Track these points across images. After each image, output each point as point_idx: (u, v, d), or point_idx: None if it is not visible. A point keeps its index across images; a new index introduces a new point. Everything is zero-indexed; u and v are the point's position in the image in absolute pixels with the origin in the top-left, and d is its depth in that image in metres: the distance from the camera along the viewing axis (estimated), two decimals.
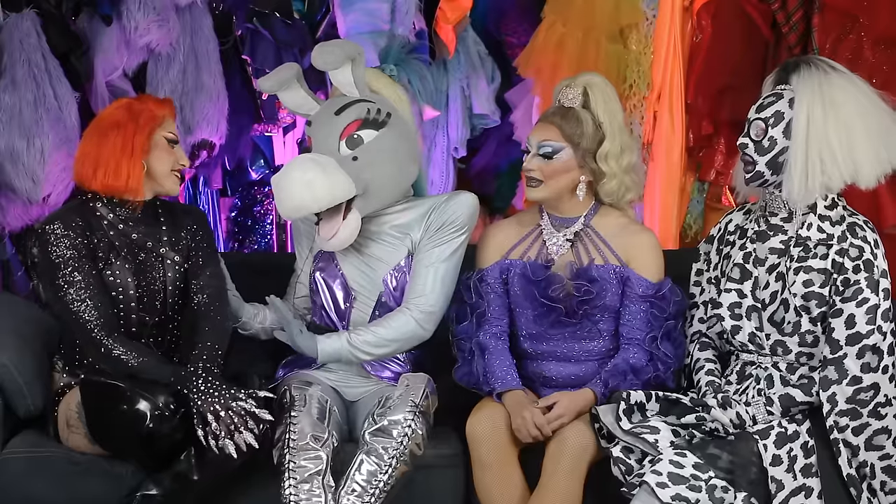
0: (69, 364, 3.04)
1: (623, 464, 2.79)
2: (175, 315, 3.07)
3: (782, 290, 2.90)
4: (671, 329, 3.01)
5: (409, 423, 2.86)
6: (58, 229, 2.91)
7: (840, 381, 2.81)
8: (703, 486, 2.67)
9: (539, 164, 3.00)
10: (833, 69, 2.90)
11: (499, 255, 3.12)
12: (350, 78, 3.05)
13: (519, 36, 4.37)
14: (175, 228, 3.08)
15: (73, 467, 2.92)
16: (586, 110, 3.01)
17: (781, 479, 2.76)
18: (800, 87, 2.87)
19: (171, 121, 3.04)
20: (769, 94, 2.93)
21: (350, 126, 3.04)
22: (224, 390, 2.79)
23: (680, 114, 4.09)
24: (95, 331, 2.86)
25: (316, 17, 4.39)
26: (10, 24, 3.62)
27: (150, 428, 2.72)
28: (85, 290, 2.88)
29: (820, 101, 2.83)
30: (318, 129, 3.07)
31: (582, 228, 3.06)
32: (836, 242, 2.87)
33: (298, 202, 2.96)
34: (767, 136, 2.88)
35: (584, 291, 2.98)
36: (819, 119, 2.82)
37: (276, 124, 4.72)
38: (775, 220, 2.96)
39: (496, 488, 2.89)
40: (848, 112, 2.83)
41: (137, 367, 2.83)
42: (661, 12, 4.04)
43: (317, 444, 2.82)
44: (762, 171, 2.90)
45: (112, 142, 2.93)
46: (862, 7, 3.80)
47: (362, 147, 3.03)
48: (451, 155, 4.30)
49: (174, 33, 3.84)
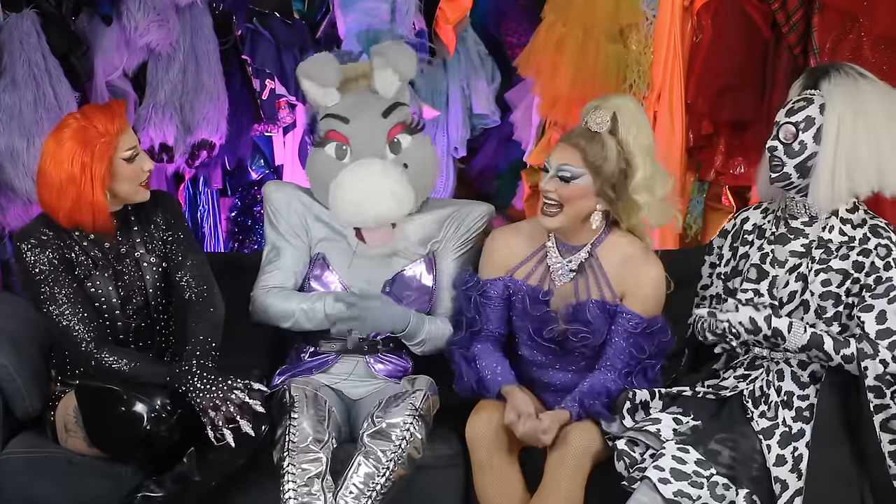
0: (61, 373, 3.04)
1: (628, 457, 2.79)
2: (160, 316, 3.06)
3: (803, 292, 2.90)
4: (648, 368, 2.97)
5: (409, 426, 2.86)
6: (32, 246, 2.87)
7: (874, 357, 2.79)
8: (704, 482, 2.68)
9: (556, 185, 2.92)
10: (863, 76, 2.91)
11: (503, 270, 3.07)
12: (397, 82, 3.04)
13: (519, 36, 4.37)
14: (146, 225, 3.03)
15: (73, 468, 2.93)
16: (612, 136, 2.92)
17: (786, 480, 2.76)
18: (831, 93, 2.87)
19: (126, 132, 2.91)
20: (799, 98, 2.92)
21: (395, 129, 3.05)
22: (221, 382, 2.78)
23: (680, 114, 4.08)
24: (83, 344, 2.85)
25: (316, 17, 4.38)
26: (10, 24, 3.62)
27: (148, 430, 2.73)
28: (67, 305, 2.86)
29: (851, 108, 2.84)
30: (363, 129, 3.04)
31: (586, 259, 3.00)
32: (857, 245, 2.88)
33: (383, 212, 2.97)
34: (798, 140, 2.88)
35: (581, 337, 2.96)
36: (849, 126, 2.83)
37: (276, 124, 4.70)
38: (796, 223, 2.96)
39: (495, 490, 2.88)
40: (877, 120, 2.85)
41: (130, 373, 2.83)
42: (661, 12, 4.04)
43: (317, 446, 2.82)
44: (790, 173, 2.90)
45: (67, 190, 2.83)
46: (862, 7, 3.79)
47: (406, 154, 3.05)
48: (451, 155, 4.30)
49: (174, 33, 3.84)
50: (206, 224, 4.84)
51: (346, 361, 3.15)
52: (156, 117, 3.85)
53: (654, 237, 3.50)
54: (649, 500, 2.66)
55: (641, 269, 2.98)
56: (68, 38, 3.73)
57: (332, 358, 3.15)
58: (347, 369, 3.15)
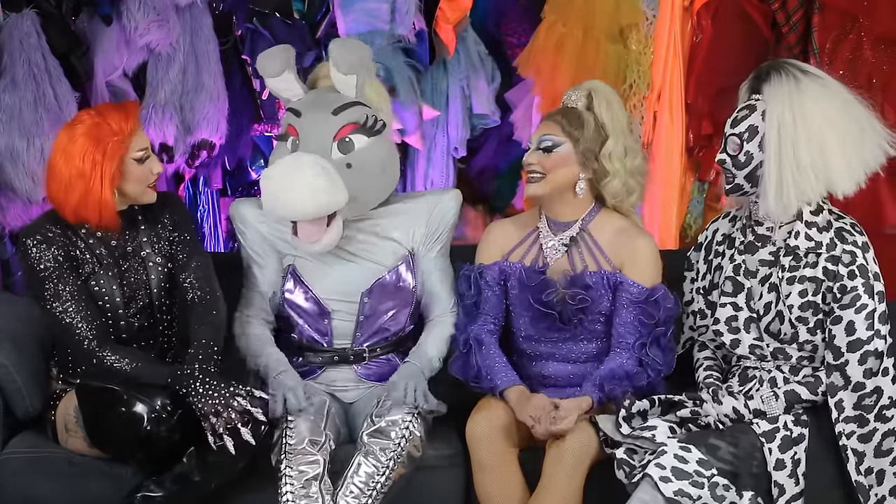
0: (63, 371, 3.04)
1: (627, 465, 2.78)
2: (164, 316, 3.05)
3: (776, 302, 2.89)
4: (660, 336, 2.99)
5: (408, 424, 2.86)
6: (37, 242, 2.88)
7: (846, 388, 2.81)
8: (705, 482, 2.68)
9: (539, 157, 3.01)
10: (804, 74, 2.86)
11: (499, 254, 3.12)
12: (351, 80, 2.99)
13: (519, 36, 4.37)
14: (153, 225, 3.04)
15: (73, 468, 2.92)
16: (589, 112, 3.03)
17: (783, 484, 2.76)
18: (770, 98, 2.84)
19: (138, 133, 2.93)
20: (742, 107, 2.90)
21: (345, 128, 3.00)
22: (223, 388, 2.78)
23: (680, 114, 4.08)
24: (86, 342, 2.85)
25: (316, 17, 4.38)
26: (10, 24, 3.62)
27: (148, 430, 2.73)
28: (71, 302, 2.86)
29: (790, 112, 2.80)
30: (311, 124, 3.01)
31: (578, 233, 3.06)
32: (825, 250, 2.86)
33: (299, 207, 2.92)
34: (743, 151, 2.87)
35: (580, 300, 2.98)
36: (789, 132, 2.79)
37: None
38: (761, 229, 2.95)
39: (496, 489, 2.88)
40: (818, 121, 2.79)
41: (132, 372, 2.83)
42: (661, 12, 4.04)
43: (314, 448, 2.82)
44: (741, 184, 2.90)
45: (77, 185, 2.85)
46: (862, 7, 3.79)
47: (356, 155, 3.00)
48: (451, 155, 4.30)
49: (174, 33, 3.84)
50: (206, 224, 4.84)
51: (334, 370, 3.15)
52: (156, 117, 3.84)
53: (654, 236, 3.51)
54: (650, 498, 2.66)
55: (636, 240, 3.03)
56: (68, 38, 3.73)
57: (319, 368, 3.15)
58: (336, 377, 3.14)
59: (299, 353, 3.15)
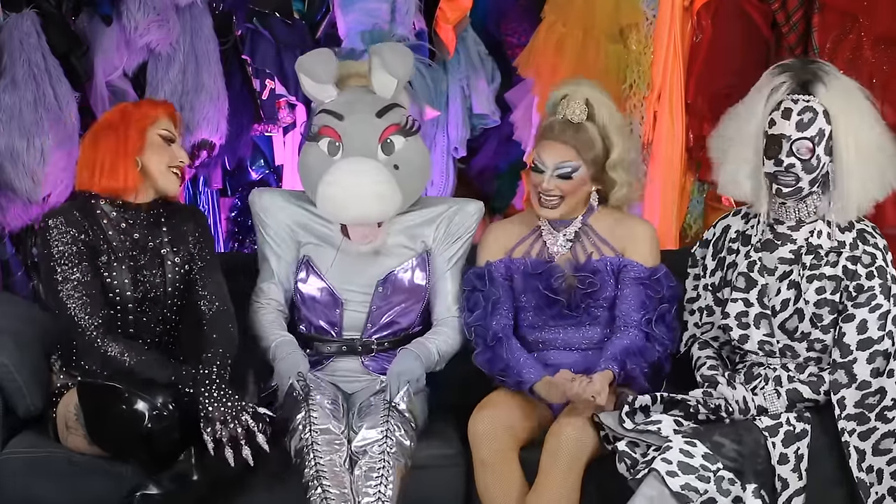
0: (66, 364, 3.03)
1: (629, 457, 2.78)
2: (174, 316, 3.06)
3: (796, 300, 2.90)
4: (665, 312, 3.03)
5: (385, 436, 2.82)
6: (60, 224, 2.91)
7: (850, 385, 2.81)
8: (711, 476, 2.68)
9: (558, 183, 3.03)
10: (836, 73, 2.91)
11: (502, 252, 3.15)
12: (393, 84, 3.04)
13: (519, 36, 4.37)
14: (177, 231, 3.07)
15: (73, 467, 2.92)
16: (592, 123, 3.05)
17: (787, 479, 2.77)
18: (830, 99, 2.85)
19: (167, 120, 3.03)
20: (804, 109, 2.86)
21: (388, 129, 3.06)
22: (236, 401, 2.79)
23: (680, 114, 4.09)
24: (90, 329, 2.86)
25: (316, 17, 4.39)
26: (10, 24, 3.62)
27: (149, 428, 2.73)
28: (81, 288, 2.87)
29: (857, 114, 2.84)
30: (356, 127, 3.05)
31: (580, 227, 3.11)
32: (847, 250, 2.87)
33: (366, 212, 2.98)
34: (815, 156, 2.86)
35: (589, 283, 3.02)
36: (856, 131, 2.83)
37: (276, 124, 4.71)
38: (782, 228, 2.95)
39: (497, 487, 2.88)
40: (872, 120, 2.86)
41: (133, 365, 2.83)
42: (661, 12, 4.04)
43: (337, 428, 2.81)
44: (804, 187, 2.89)
45: (104, 143, 2.95)
46: (862, 7, 3.80)
47: (398, 156, 3.06)
48: (451, 155, 4.30)
49: (174, 33, 3.84)
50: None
51: (341, 361, 3.15)
52: None
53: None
54: (657, 492, 2.66)
55: (635, 226, 3.12)
56: (68, 38, 3.73)
57: (327, 357, 3.15)
58: (342, 367, 3.15)
59: (307, 344, 3.16)
